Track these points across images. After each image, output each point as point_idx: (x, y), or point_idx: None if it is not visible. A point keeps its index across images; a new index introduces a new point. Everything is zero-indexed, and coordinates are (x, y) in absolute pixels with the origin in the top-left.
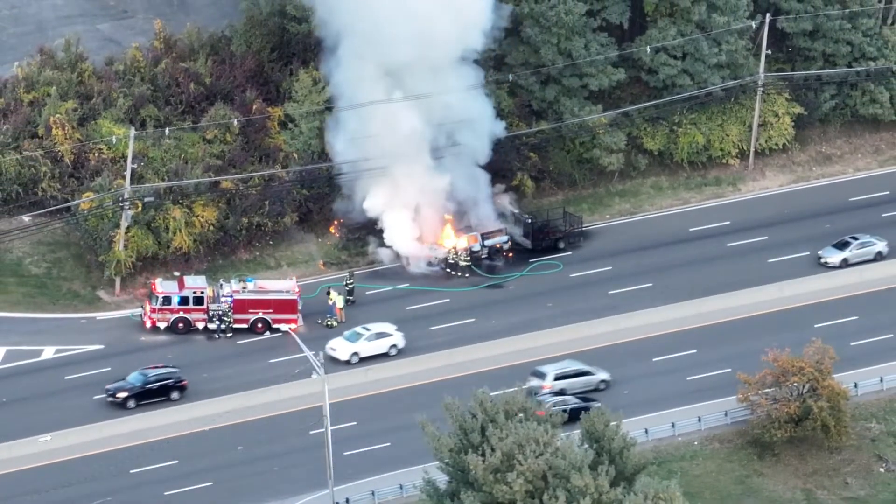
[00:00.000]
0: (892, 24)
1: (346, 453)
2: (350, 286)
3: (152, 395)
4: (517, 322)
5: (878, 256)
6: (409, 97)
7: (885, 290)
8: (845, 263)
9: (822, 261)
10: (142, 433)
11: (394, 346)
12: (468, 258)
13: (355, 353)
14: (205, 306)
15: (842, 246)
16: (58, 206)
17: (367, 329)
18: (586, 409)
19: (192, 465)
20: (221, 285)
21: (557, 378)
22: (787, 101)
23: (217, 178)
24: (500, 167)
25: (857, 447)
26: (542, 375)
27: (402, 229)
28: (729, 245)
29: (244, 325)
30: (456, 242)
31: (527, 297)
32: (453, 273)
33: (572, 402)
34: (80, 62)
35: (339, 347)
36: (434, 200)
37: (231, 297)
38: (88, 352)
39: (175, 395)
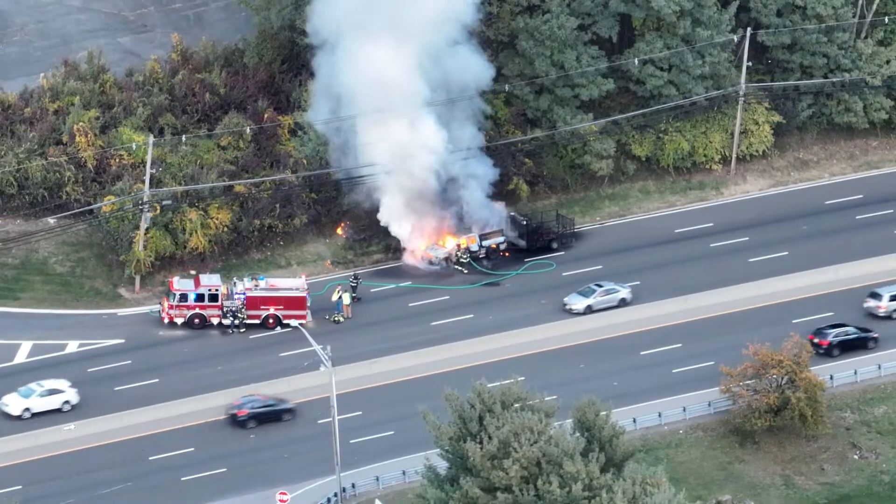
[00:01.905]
0: (866, 37)
1: (352, 441)
2: (355, 284)
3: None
4: (513, 318)
5: (622, 303)
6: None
7: (859, 289)
8: (590, 310)
9: (567, 307)
10: (159, 422)
11: (67, 402)
12: (468, 257)
13: (27, 409)
14: (219, 303)
15: (586, 293)
16: (81, 209)
17: (41, 385)
18: (867, 339)
19: (208, 452)
20: (235, 283)
21: (892, 299)
22: (766, 110)
23: (231, 183)
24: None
25: (832, 435)
26: (878, 297)
27: (408, 231)
28: (712, 245)
29: (256, 321)
30: (459, 241)
31: (522, 294)
32: (461, 270)
33: (853, 332)
34: (102, 73)
35: (12, 403)
36: (436, 203)
37: (244, 294)
38: (110, 346)
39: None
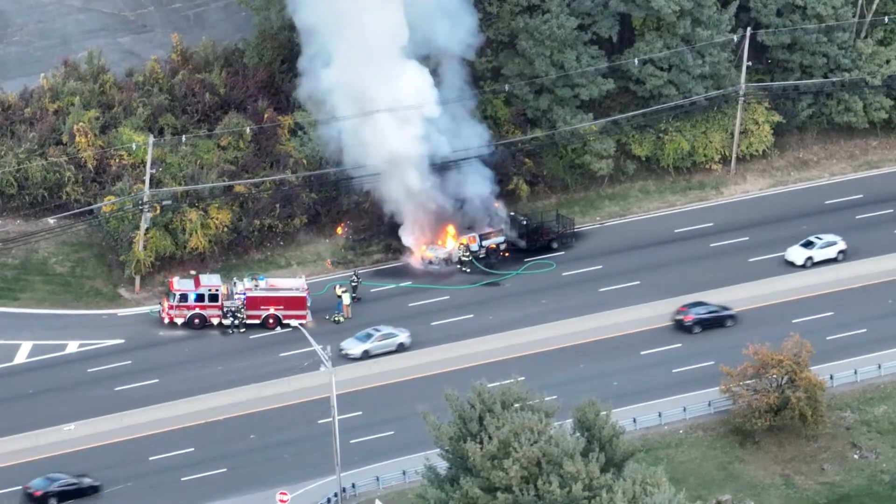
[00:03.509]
0: (866, 37)
1: (352, 441)
2: (355, 284)
3: None
4: (513, 318)
5: (400, 347)
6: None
7: (859, 289)
8: (367, 355)
9: (343, 352)
10: (160, 422)
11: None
12: (469, 256)
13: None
14: (219, 303)
15: (363, 338)
16: (81, 209)
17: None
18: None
19: (208, 452)
20: (235, 283)
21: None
22: (766, 109)
23: (231, 183)
24: (497, 172)
25: (832, 435)
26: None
27: (411, 231)
28: (712, 245)
29: (256, 321)
30: (460, 241)
31: (522, 294)
32: (464, 270)
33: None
34: (102, 74)
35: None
36: (437, 203)
37: (244, 294)
38: (110, 346)
39: None
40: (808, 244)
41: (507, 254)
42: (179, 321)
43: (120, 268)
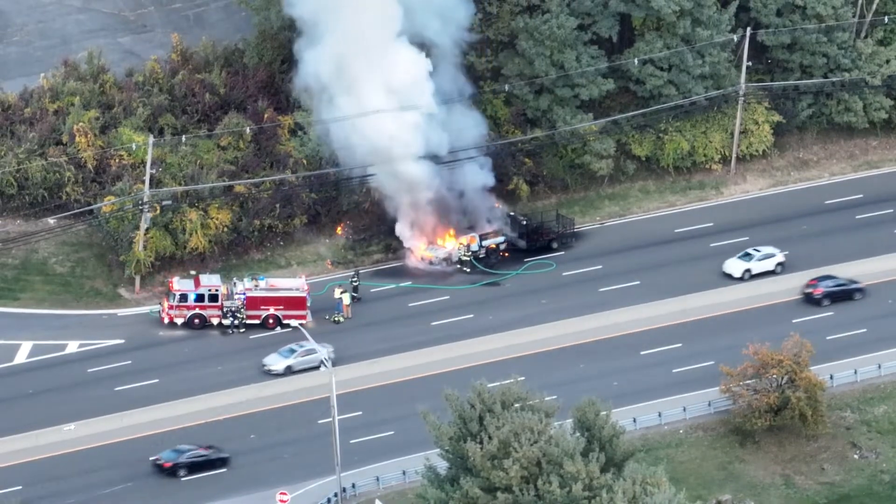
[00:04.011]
0: (866, 37)
1: (352, 441)
2: (355, 284)
3: None
4: (513, 318)
5: (323, 364)
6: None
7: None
8: (290, 370)
9: (266, 368)
10: (160, 422)
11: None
12: (469, 256)
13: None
14: (219, 303)
15: (286, 353)
16: (81, 209)
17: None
18: None
19: None
20: (235, 283)
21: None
22: (766, 109)
23: (231, 183)
24: (496, 172)
25: (832, 435)
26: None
27: (410, 231)
28: (712, 245)
29: (256, 321)
30: (461, 240)
31: (522, 294)
32: (464, 270)
33: None
34: (102, 74)
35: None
36: (437, 202)
37: (244, 294)
38: (110, 346)
39: None
40: (747, 256)
41: (506, 254)
42: (179, 321)
43: (120, 268)
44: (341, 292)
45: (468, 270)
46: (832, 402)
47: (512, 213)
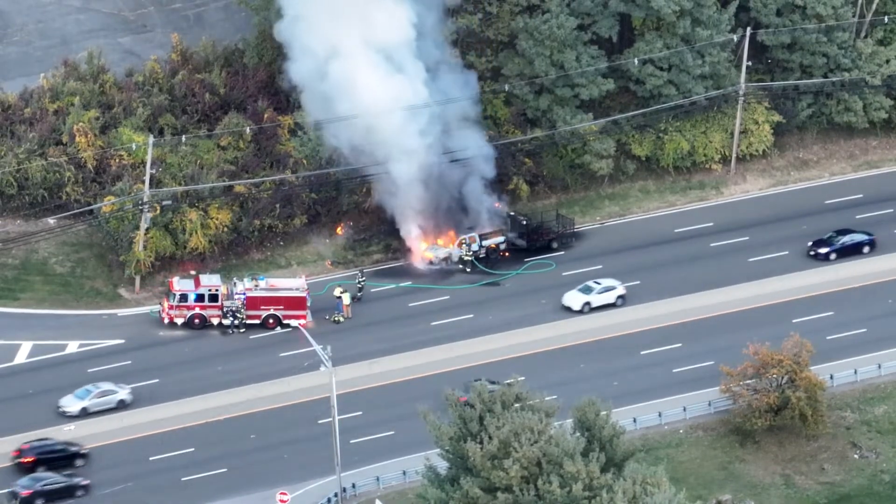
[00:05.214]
0: (866, 37)
1: (352, 441)
2: (361, 283)
3: None
4: (513, 318)
5: (121, 404)
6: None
7: (859, 288)
8: (85, 412)
9: (61, 409)
10: (160, 422)
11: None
12: (470, 255)
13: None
14: (219, 303)
15: (82, 395)
16: (81, 209)
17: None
18: None
19: (208, 452)
20: (235, 283)
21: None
22: (766, 109)
23: (231, 183)
24: (496, 172)
25: (832, 435)
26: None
27: (412, 232)
28: (712, 245)
29: (256, 321)
30: (461, 240)
31: (522, 294)
32: (464, 269)
33: None
34: (102, 74)
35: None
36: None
37: (244, 294)
38: (110, 346)
39: None
40: (587, 289)
41: (507, 254)
42: (179, 321)
43: (120, 268)
44: (341, 292)
45: (468, 270)
46: (832, 402)
47: (512, 213)
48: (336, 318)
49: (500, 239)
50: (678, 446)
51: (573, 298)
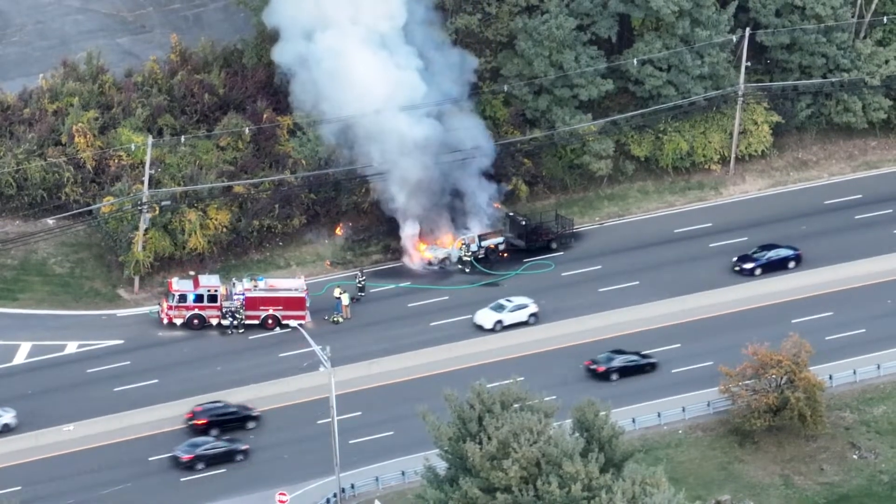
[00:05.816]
0: (865, 37)
1: (351, 441)
2: (362, 283)
3: None
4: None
5: (5, 428)
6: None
7: (859, 288)
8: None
9: None
10: (158, 423)
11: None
12: (469, 255)
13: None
14: (218, 304)
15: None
16: (80, 210)
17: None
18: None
19: None
20: (234, 284)
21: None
22: (765, 110)
23: (230, 183)
24: (496, 172)
25: (831, 435)
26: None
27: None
28: (711, 245)
29: (255, 322)
30: (460, 241)
31: (521, 294)
32: (464, 270)
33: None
34: (101, 74)
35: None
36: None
37: (243, 294)
38: (109, 346)
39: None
40: (499, 308)
41: (506, 254)
42: (178, 322)
43: (119, 268)
44: (341, 292)
45: (468, 271)
46: (831, 403)
47: (511, 214)
48: (335, 319)
49: (500, 239)
50: (677, 447)
51: (485, 317)
